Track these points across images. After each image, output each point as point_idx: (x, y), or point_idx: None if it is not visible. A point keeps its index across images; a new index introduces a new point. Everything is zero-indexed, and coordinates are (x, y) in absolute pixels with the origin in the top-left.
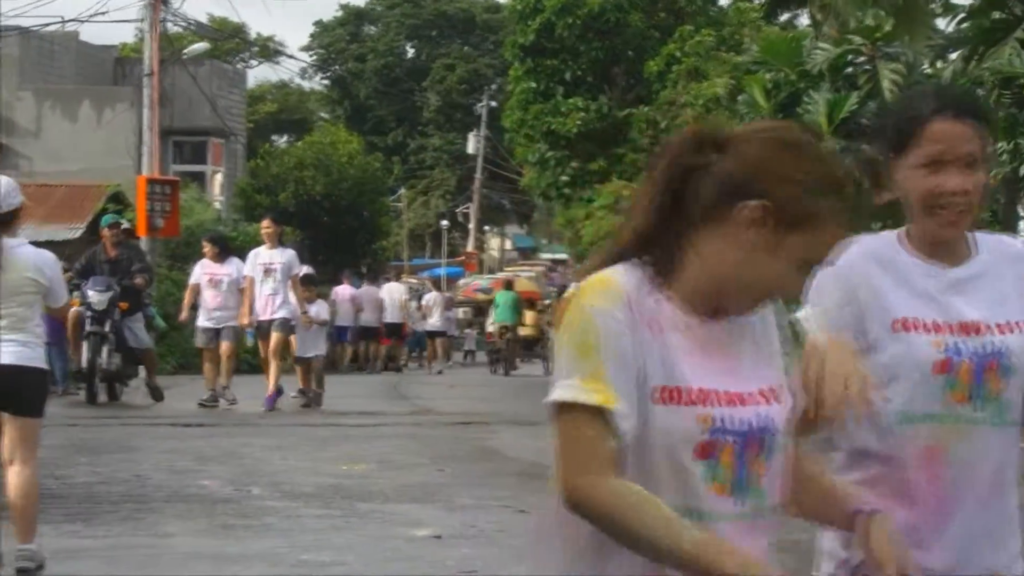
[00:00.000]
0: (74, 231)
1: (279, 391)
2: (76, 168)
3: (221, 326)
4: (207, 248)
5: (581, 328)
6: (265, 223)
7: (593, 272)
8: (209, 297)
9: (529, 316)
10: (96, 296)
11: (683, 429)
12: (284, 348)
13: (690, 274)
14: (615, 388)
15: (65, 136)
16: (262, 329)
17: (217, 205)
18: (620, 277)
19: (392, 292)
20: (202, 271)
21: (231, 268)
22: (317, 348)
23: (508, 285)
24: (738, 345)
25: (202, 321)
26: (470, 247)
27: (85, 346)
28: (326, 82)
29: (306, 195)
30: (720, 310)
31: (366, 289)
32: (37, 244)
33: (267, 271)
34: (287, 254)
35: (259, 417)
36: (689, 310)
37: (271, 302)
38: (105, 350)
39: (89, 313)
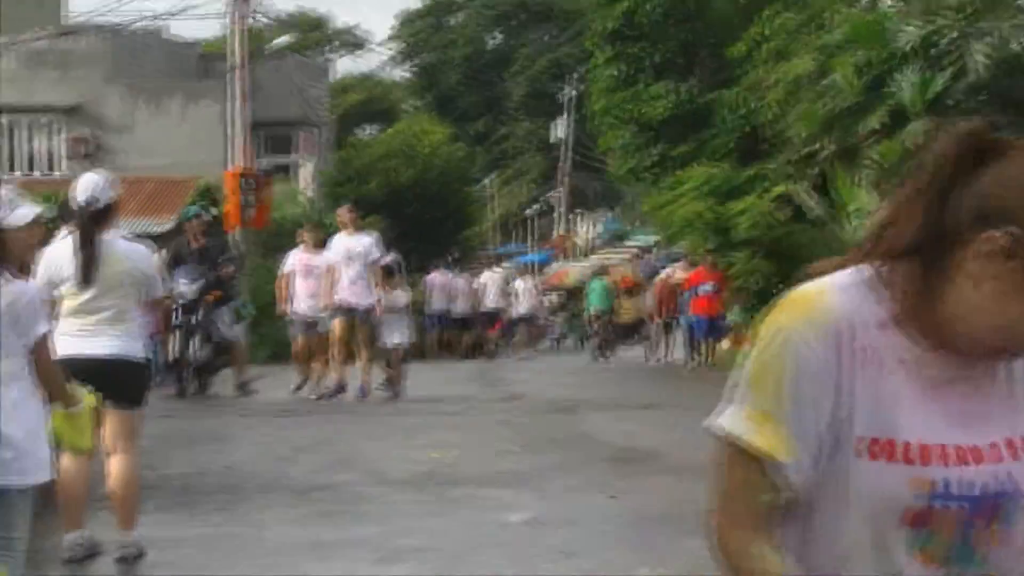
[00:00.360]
0: (164, 225)
1: (342, 387)
2: (165, 162)
3: (315, 315)
4: (306, 235)
5: (770, 352)
6: (341, 210)
7: (818, 275)
8: (302, 286)
9: (628, 302)
10: (185, 287)
11: (892, 492)
12: (351, 337)
13: (929, 303)
14: (791, 435)
15: (154, 131)
16: (343, 315)
17: (305, 196)
18: (835, 296)
19: (492, 279)
20: (295, 260)
21: (325, 258)
22: (398, 337)
23: (601, 272)
24: (979, 385)
25: (295, 310)
26: (558, 233)
27: (174, 338)
28: (411, 72)
29: (393, 185)
30: (958, 348)
31: (455, 278)
32: (131, 238)
33: (349, 257)
34: (368, 240)
35: (351, 405)
36: (921, 342)
37: (354, 289)
38: (195, 341)
39: (178, 304)
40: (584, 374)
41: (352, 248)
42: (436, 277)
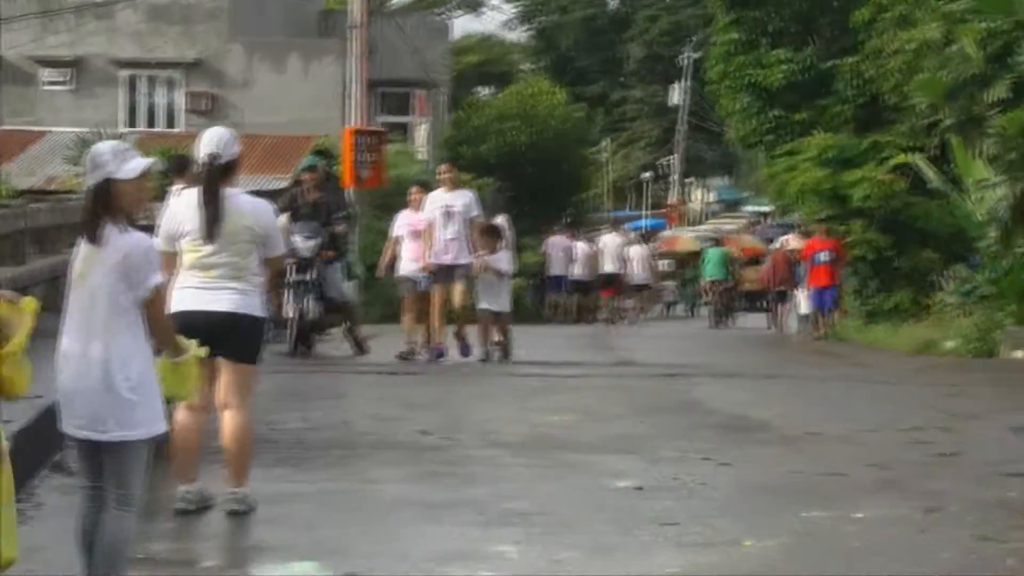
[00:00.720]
0: (280, 182)
1: (440, 352)
2: (284, 120)
3: (416, 276)
4: (415, 195)
5: None
6: (443, 167)
7: None
8: (408, 247)
9: (751, 271)
10: (303, 242)
11: None
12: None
13: None
14: None
15: (273, 88)
16: (441, 277)
17: (421, 156)
18: None
19: (611, 243)
20: (405, 221)
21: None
22: (501, 303)
23: (718, 242)
24: None
25: (403, 271)
26: (672, 199)
27: (288, 295)
28: (529, 33)
29: (508, 146)
30: None
31: (575, 241)
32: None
33: (447, 214)
34: (466, 196)
35: (463, 367)
36: None
37: (452, 247)
38: (310, 300)
39: (293, 260)
40: (698, 341)
41: (450, 205)
42: (556, 240)
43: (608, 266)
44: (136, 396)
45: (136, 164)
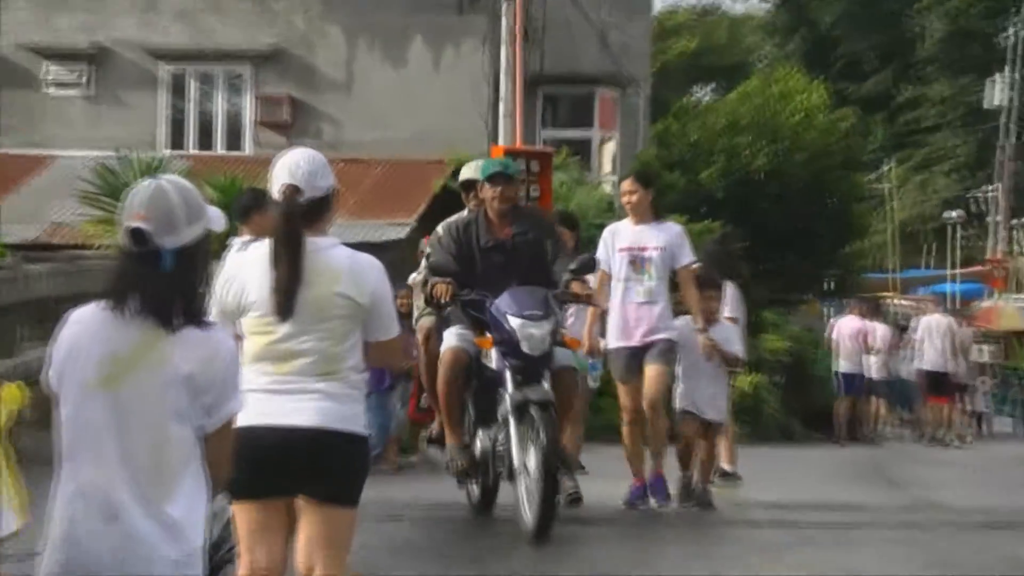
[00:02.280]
0: (400, 229)
1: (642, 489)
2: (403, 135)
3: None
4: (564, 236)
5: None
6: (627, 184)
7: None
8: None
9: None
10: (529, 328)
11: None
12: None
13: None
14: None
15: (388, 89)
16: (628, 360)
17: (607, 187)
18: None
19: (936, 327)
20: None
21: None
22: (718, 407)
23: None
24: None
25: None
26: (994, 251)
27: (472, 420)
28: (771, 4)
29: (740, 173)
30: None
31: (870, 322)
32: (354, 247)
33: (635, 261)
34: (669, 231)
35: (664, 513)
36: None
37: (645, 315)
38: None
39: (509, 362)
40: None
41: (642, 243)
42: (846, 322)
43: (931, 359)
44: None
45: (216, 215)
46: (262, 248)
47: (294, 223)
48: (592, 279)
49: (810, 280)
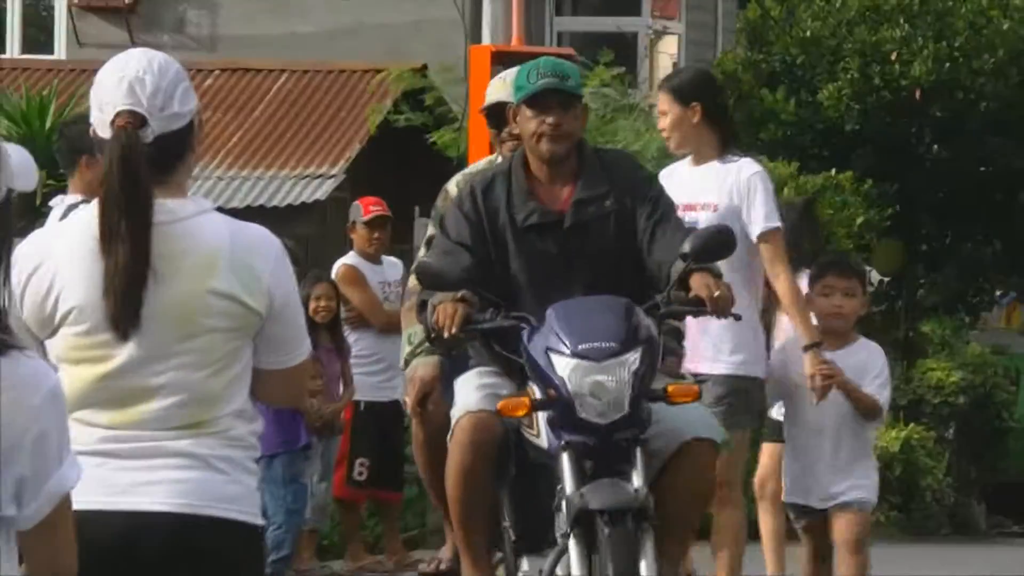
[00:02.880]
0: (318, 186)
1: None
2: (322, 28)
3: None
4: None
5: None
6: (660, 102)
7: None
8: None
9: None
10: (593, 376)
11: None
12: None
13: None
14: None
15: None
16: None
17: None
18: None
19: None
20: None
21: None
22: (867, 488)
23: None
24: None
25: None
26: None
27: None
28: None
29: (888, 87)
30: None
31: None
32: (240, 215)
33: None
34: (737, 177)
35: None
36: None
37: (696, 330)
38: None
39: (565, 436)
40: None
41: (693, 199)
42: None
43: None
44: None
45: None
46: (85, 218)
47: (136, 175)
48: (728, 268)
49: (1005, 271)
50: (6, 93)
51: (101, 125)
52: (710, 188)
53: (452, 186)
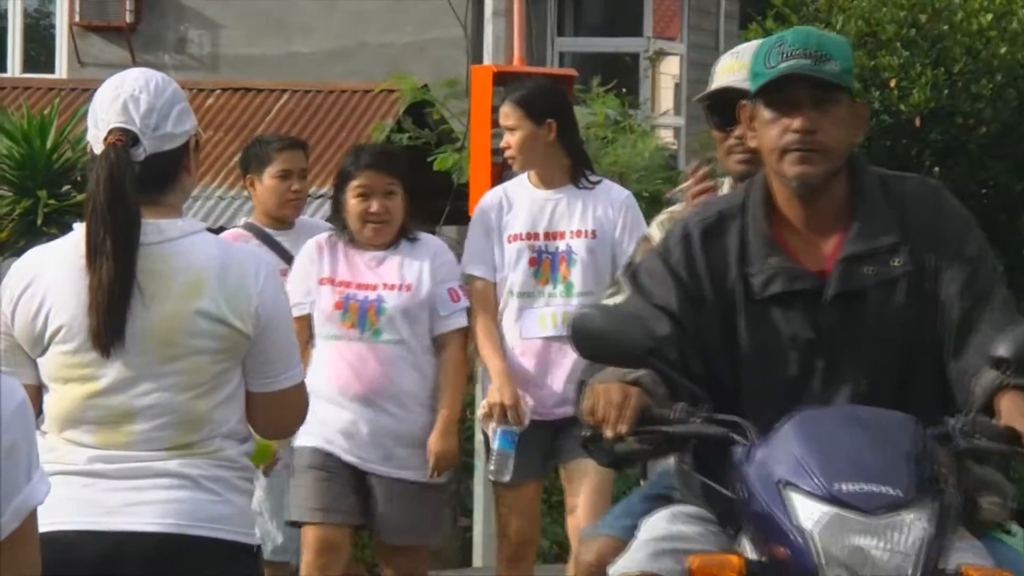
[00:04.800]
0: (324, 203)
1: None
2: (324, 47)
3: None
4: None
5: None
6: (503, 113)
7: None
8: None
9: None
10: (854, 539)
11: None
12: None
13: None
14: None
15: None
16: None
17: (668, 135)
18: None
19: None
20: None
21: None
22: None
23: None
24: None
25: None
26: None
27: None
28: None
29: (887, 112)
30: None
31: None
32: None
33: (537, 258)
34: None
35: None
36: None
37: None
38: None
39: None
40: None
41: (551, 226)
42: None
43: None
44: None
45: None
46: (77, 235)
47: (123, 192)
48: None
49: (1009, 290)
50: (7, 112)
51: (95, 142)
52: (575, 214)
53: (654, 229)
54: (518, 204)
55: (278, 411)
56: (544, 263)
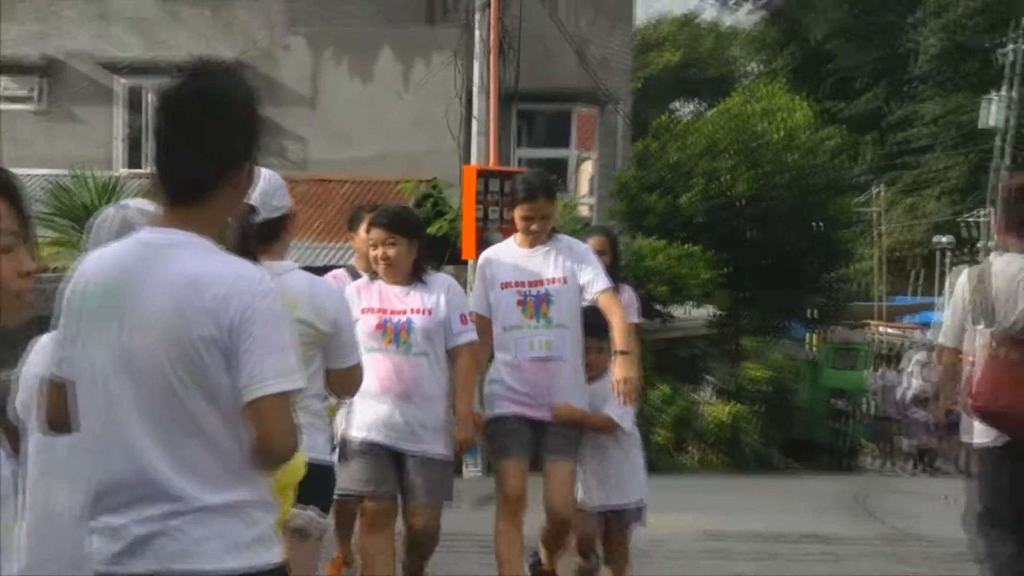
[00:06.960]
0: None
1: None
2: (369, 153)
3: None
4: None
5: None
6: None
7: None
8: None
9: None
10: None
11: None
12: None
13: None
14: None
15: (354, 104)
16: (514, 441)
17: (585, 209)
18: None
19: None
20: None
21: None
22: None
23: None
24: None
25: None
26: None
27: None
28: (758, 17)
29: (721, 197)
30: None
31: None
32: (312, 270)
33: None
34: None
35: None
36: None
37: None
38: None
39: None
40: None
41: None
42: None
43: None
44: None
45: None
46: None
47: (248, 242)
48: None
49: (792, 308)
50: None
51: None
52: (550, 265)
53: None
54: (508, 260)
55: (346, 379)
56: (529, 303)
